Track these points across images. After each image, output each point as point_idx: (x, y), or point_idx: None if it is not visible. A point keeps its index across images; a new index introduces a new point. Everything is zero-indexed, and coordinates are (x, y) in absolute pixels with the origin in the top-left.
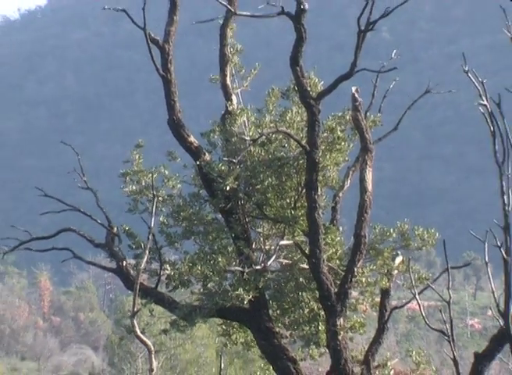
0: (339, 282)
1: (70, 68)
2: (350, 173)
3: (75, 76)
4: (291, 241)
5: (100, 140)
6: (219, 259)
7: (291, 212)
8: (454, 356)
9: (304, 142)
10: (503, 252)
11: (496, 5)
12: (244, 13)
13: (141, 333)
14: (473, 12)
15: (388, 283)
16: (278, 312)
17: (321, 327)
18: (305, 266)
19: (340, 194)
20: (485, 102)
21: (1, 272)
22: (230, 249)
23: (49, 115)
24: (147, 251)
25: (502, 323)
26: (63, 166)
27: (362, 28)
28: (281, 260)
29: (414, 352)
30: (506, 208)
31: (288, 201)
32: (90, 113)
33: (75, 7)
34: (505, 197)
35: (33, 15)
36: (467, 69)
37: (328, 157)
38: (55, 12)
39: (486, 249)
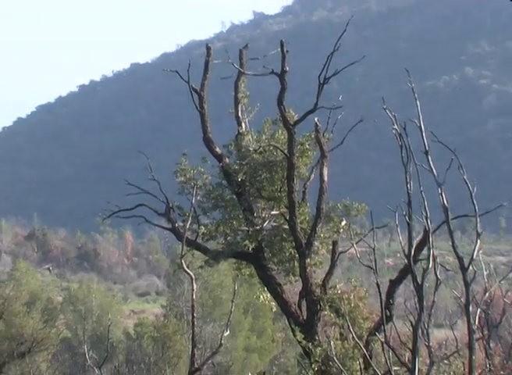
0: (307, 236)
1: (143, 105)
2: (314, 170)
3: (146, 110)
4: (278, 212)
5: (161, 150)
6: (234, 223)
7: (278, 194)
8: (377, 282)
9: (286, 151)
10: (407, 218)
11: (402, 67)
12: (249, 73)
13: (187, 267)
14: (389, 70)
15: (336, 237)
16: (270, 254)
17: (296, 264)
18: (286, 226)
19: (308, 183)
20: (396, 127)
21: (102, 230)
22: (241, 217)
23: (130, 134)
24: (190, 218)
25: (406, 261)
26: (140, 166)
27: (321, 82)
28: (272, 223)
29: (353, 279)
30: (409, 191)
31: (276, 187)
32: (156, 134)
33: (147, 68)
34: (408, 185)
35: (120, 73)
36: (385, 107)
37: (300, 160)
38: (134, 72)
39: (396, 216)
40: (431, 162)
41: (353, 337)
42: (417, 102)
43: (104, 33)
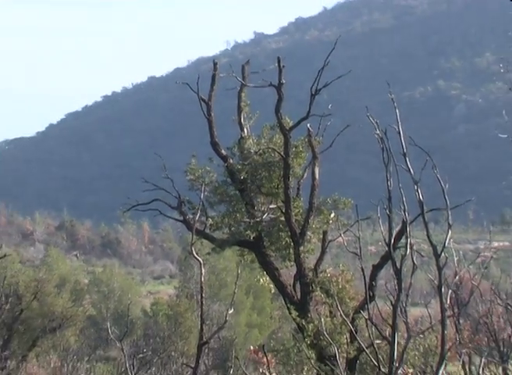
0: (300, 227)
1: (158, 113)
2: (307, 169)
3: (161, 118)
4: (275, 206)
5: (174, 152)
6: (237, 215)
7: (276, 190)
8: (362, 266)
9: (282, 153)
10: (387, 211)
11: (383, 80)
12: (250, 85)
13: (196, 254)
14: (372, 82)
15: (326, 228)
16: (268, 243)
17: (291, 251)
18: (283, 218)
19: (301, 181)
20: (378, 132)
21: (122, 222)
22: (243, 210)
23: (147, 138)
24: (198, 211)
25: (386, 249)
26: (155, 166)
27: (313, 93)
28: (270, 216)
29: (340, 264)
30: (389, 188)
31: (274, 184)
32: (169, 138)
33: (162, 81)
34: (388, 182)
35: (138, 85)
36: (368, 114)
37: (294, 161)
38: (151, 84)
39: (378, 209)
40: (408, 163)
41: (340, 314)
42: (397, 110)
43: (123, 50)
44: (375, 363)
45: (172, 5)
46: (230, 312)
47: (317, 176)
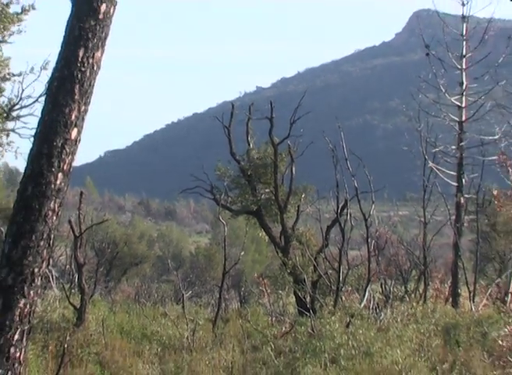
0: (284, 203)
1: (200, 135)
2: (287, 168)
3: (201, 137)
4: (269, 190)
5: (209, 157)
6: (246, 196)
7: (269, 181)
8: (320, 226)
9: (273, 158)
10: (336, 193)
11: (334, 115)
12: (254, 117)
13: (222, 218)
14: (327, 117)
15: (299, 203)
16: (265, 212)
17: (278, 217)
18: (273, 197)
19: (284, 175)
20: (331, 146)
21: (178, 199)
22: (249, 192)
23: (192, 150)
24: (223, 193)
25: (335, 216)
26: (197, 165)
27: (291, 122)
28: (266, 196)
29: (308, 225)
30: (337, 179)
31: (268, 177)
32: (206, 149)
33: (201, 115)
34: (336, 176)
35: (187, 118)
36: (325, 136)
37: (280, 163)
38: (194, 117)
39: (331, 192)
40: (349, 164)
41: (308, 255)
42: (342, 133)
43: (178, 94)
44: (329, 284)
45: (206, 70)
46: (242, 253)
47: (294, 172)
